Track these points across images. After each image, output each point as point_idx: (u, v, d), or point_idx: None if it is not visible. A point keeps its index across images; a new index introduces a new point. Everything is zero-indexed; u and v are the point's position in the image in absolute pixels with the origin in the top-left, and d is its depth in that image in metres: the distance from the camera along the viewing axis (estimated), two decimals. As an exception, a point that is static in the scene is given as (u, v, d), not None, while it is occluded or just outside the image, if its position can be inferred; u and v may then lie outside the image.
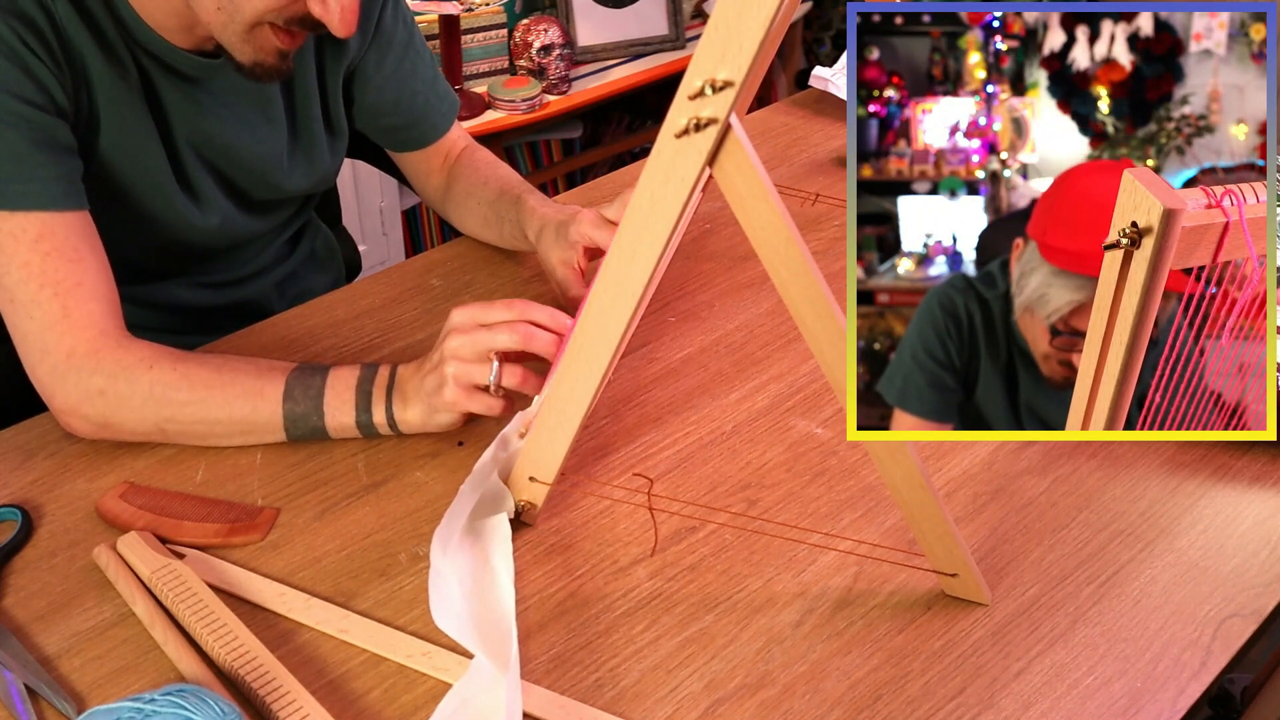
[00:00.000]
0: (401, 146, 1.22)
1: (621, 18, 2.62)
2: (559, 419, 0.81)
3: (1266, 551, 0.86)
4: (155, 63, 0.97)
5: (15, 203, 0.87)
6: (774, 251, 0.70)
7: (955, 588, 0.81)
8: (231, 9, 0.88)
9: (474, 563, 0.81)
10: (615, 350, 0.77)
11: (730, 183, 0.69)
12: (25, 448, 0.94)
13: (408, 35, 1.15)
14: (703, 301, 1.14)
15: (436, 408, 0.88)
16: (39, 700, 0.73)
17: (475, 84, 2.44)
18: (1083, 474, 0.93)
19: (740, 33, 0.62)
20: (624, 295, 0.74)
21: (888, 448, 0.74)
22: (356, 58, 1.11)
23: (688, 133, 0.66)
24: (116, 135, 0.96)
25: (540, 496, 0.85)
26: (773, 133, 1.48)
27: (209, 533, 0.85)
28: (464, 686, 0.72)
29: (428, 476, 0.91)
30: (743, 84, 0.64)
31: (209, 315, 1.17)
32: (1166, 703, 0.75)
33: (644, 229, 0.71)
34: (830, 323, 0.71)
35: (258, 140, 1.06)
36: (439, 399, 0.87)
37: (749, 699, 0.75)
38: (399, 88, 1.15)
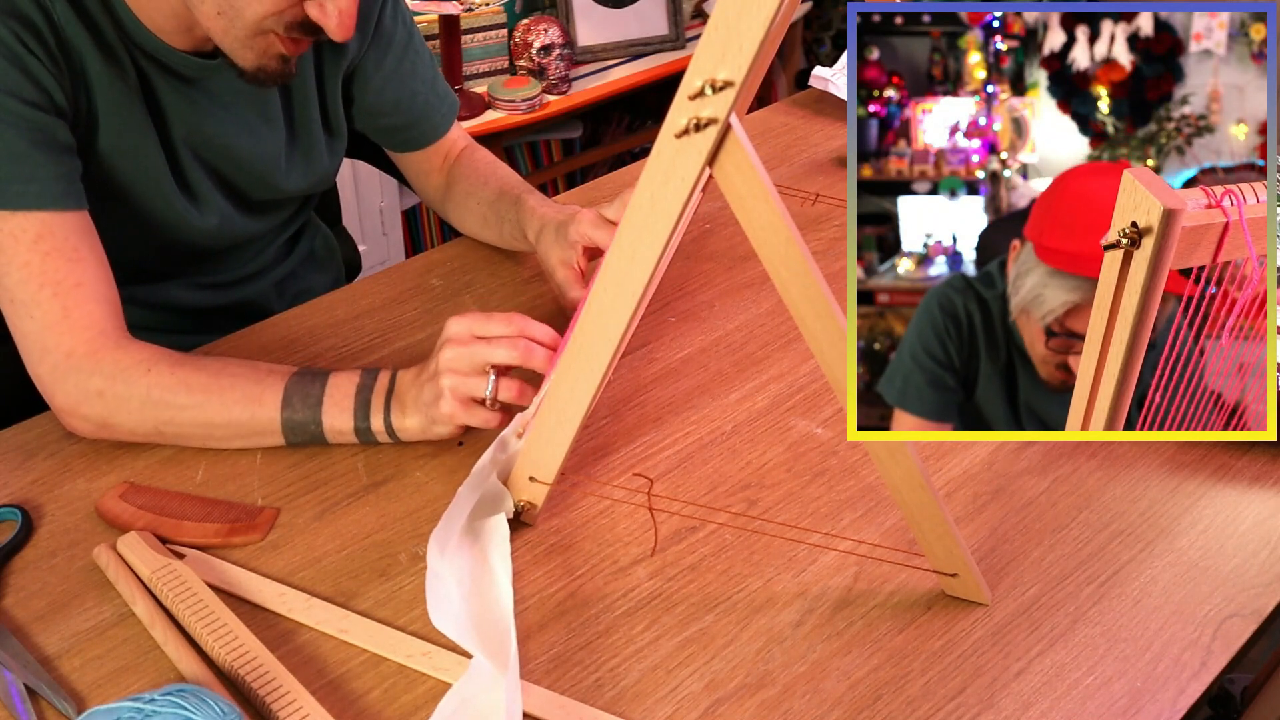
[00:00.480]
0: (402, 147, 1.22)
1: (621, 18, 2.62)
2: (559, 419, 0.81)
3: (1266, 551, 0.86)
4: (153, 63, 0.97)
5: (15, 202, 0.87)
6: (774, 251, 0.70)
7: (955, 588, 0.81)
8: (232, 14, 0.89)
9: (472, 563, 0.81)
10: (615, 350, 0.77)
11: (730, 183, 0.69)
12: (25, 448, 0.94)
13: (407, 35, 1.15)
14: (703, 301, 1.14)
15: (434, 419, 0.88)
16: (39, 700, 0.73)
17: (475, 84, 2.44)
18: (1083, 474, 0.93)
19: (740, 33, 0.62)
20: (624, 295, 0.74)
21: (888, 448, 0.74)
22: (356, 58, 1.11)
23: (688, 133, 0.66)
24: (115, 136, 0.96)
25: (540, 496, 0.85)
26: (773, 133, 1.48)
27: (209, 533, 0.85)
28: (463, 686, 0.72)
29: (428, 477, 0.91)
30: (743, 84, 0.64)
31: (208, 315, 1.17)
32: (1166, 703, 0.75)
33: (644, 229, 0.71)
34: (830, 323, 0.71)
35: (256, 141, 1.06)
36: (436, 411, 0.87)
37: (749, 699, 0.75)
38: (399, 88, 1.15)
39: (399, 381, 0.91)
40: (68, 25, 0.90)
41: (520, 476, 0.84)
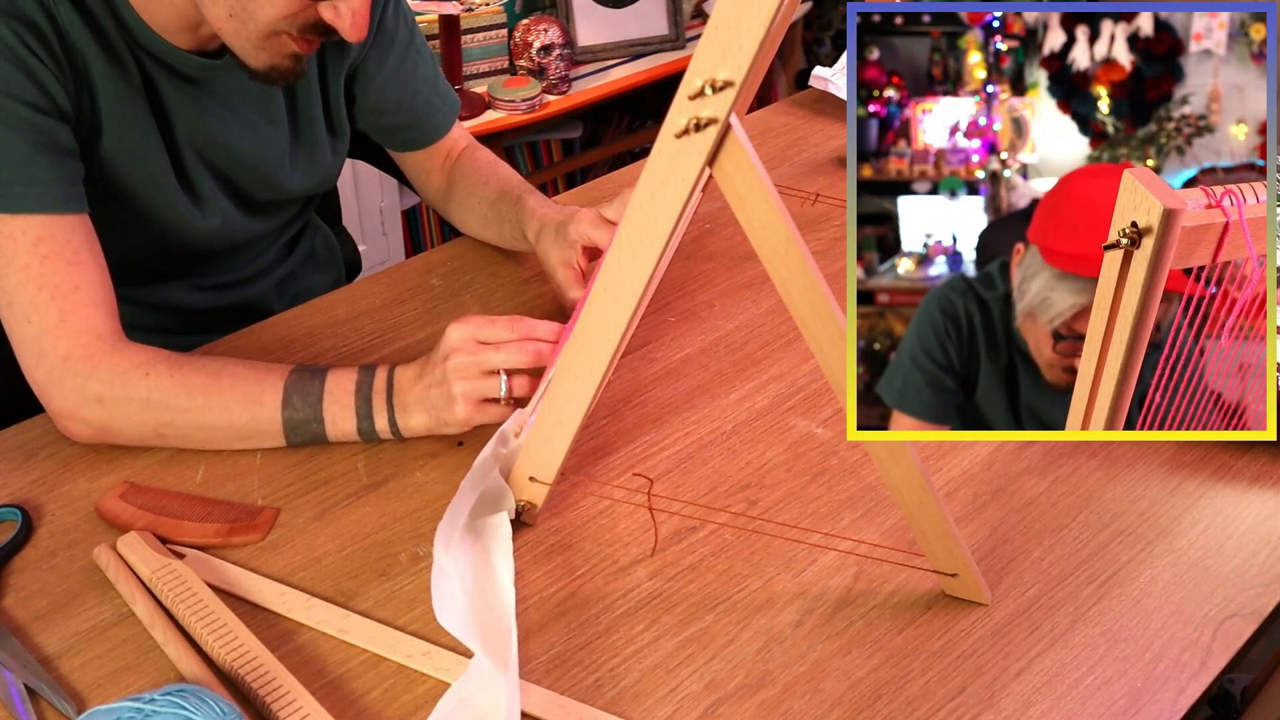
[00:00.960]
0: (403, 146, 1.22)
1: (621, 18, 2.62)
2: (559, 419, 0.81)
3: (1266, 551, 0.86)
4: (157, 64, 0.97)
5: (16, 205, 0.87)
6: (774, 251, 0.70)
7: (955, 588, 0.81)
8: (244, 16, 0.89)
9: (475, 561, 0.81)
10: (615, 350, 0.77)
11: (730, 183, 0.69)
12: (25, 448, 0.94)
13: (409, 35, 1.15)
14: (703, 301, 1.14)
15: (446, 422, 0.89)
16: (39, 700, 0.73)
17: (475, 84, 2.44)
18: (1083, 474, 0.93)
19: (740, 33, 0.62)
20: (624, 295, 0.74)
21: (888, 448, 0.74)
22: (358, 58, 1.11)
23: (688, 133, 0.66)
24: (118, 137, 0.96)
25: (540, 496, 0.85)
26: (773, 133, 1.48)
27: (209, 533, 0.85)
28: (463, 686, 0.72)
29: (428, 476, 0.91)
30: (743, 84, 0.64)
31: (209, 316, 1.17)
32: (1166, 703, 0.75)
33: (644, 229, 0.71)
34: (830, 322, 0.71)
35: (259, 141, 1.06)
36: (449, 414, 0.88)
37: (749, 699, 0.75)
38: (400, 87, 1.15)
39: (398, 380, 0.91)
40: (71, 27, 0.90)
41: (520, 476, 0.84)
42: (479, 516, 0.83)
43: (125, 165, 0.98)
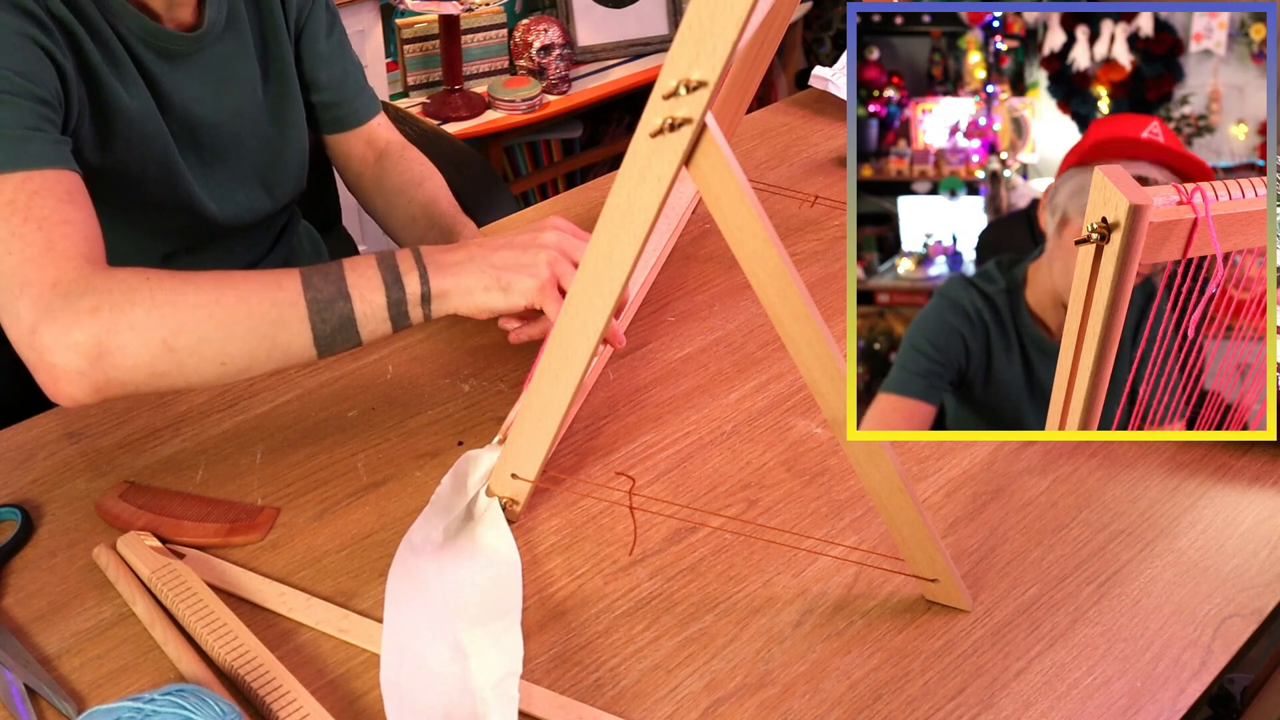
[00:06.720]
0: (330, 127, 1.23)
1: (621, 18, 2.62)
2: (540, 416, 0.80)
3: (1266, 551, 0.87)
4: (143, 43, 0.98)
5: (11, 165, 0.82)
6: (751, 253, 0.70)
7: (936, 593, 0.81)
8: None
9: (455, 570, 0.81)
10: (593, 348, 0.76)
11: (706, 183, 0.68)
12: (25, 448, 0.94)
13: (335, 15, 1.20)
14: (702, 301, 1.14)
15: (508, 285, 0.85)
16: (39, 700, 0.73)
17: (475, 84, 2.44)
18: (1083, 474, 0.93)
19: (714, 32, 0.62)
20: (601, 294, 0.74)
21: (867, 452, 0.74)
22: (304, 14, 1.15)
23: (662, 132, 0.66)
24: (124, 123, 0.97)
25: (523, 494, 0.85)
26: (773, 133, 1.48)
27: (209, 532, 0.85)
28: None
29: (428, 476, 0.91)
30: (717, 84, 0.63)
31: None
32: (1166, 703, 0.75)
33: (620, 228, 0.71)
34: (807, 325, 0.71)
35: (244, 107, 1.09)
36: (517, 276, 0.84)
37: (749, 699, 0.75)
38: (332, 65, 1.19)
39: (425, 249, 0.87)
40: (64, 17, 0.91)
41: (502, 473, 0.84)
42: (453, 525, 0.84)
43: (132, 152, 0.99)
